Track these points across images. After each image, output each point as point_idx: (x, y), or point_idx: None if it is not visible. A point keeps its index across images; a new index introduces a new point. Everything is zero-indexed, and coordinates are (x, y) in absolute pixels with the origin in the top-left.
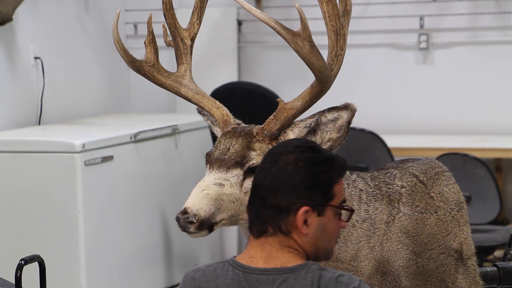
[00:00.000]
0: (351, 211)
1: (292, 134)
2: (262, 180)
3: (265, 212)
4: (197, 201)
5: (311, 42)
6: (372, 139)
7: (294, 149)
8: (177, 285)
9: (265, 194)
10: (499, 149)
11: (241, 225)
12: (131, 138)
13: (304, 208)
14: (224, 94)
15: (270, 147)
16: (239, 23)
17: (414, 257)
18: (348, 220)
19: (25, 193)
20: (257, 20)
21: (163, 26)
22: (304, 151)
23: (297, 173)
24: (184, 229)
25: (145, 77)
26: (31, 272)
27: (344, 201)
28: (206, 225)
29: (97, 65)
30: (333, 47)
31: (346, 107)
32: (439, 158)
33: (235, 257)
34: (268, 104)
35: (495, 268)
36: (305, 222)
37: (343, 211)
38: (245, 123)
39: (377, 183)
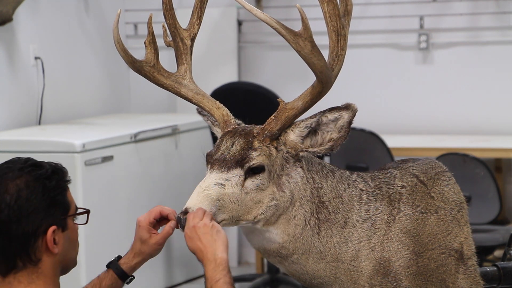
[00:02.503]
0: (88, 212)
1: (292, 134)
2: (5, 213)
3: (12, 245)
4: (198, 201)
5: (312, 42)
6: (372, 139)
7: (20, 172)
8: (177, 285)
9: (6, 227)
10: (499, 149)
11: (241, 225)
12: (131, 138)
13: (52, 228)
14: (224, 94)
15: (271, 147)
16: (239, 23)
17: (415, 257)
18: (87, 222)
19: None
20: (257, 20)
21: (163, 26)
22: (30, 171)
23: (34, 195)
24: (184, 229)
25: (145, 77)
26: None
27: (76, 206)
28: None
29: (97, 65)
30: (334, 47)
31: (347, 107)
32: (439, 158)
33: None
34: (268, 104)
35: (495, 268)
36: (54, 241)
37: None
38: (245, 123)
39: (377, 183)
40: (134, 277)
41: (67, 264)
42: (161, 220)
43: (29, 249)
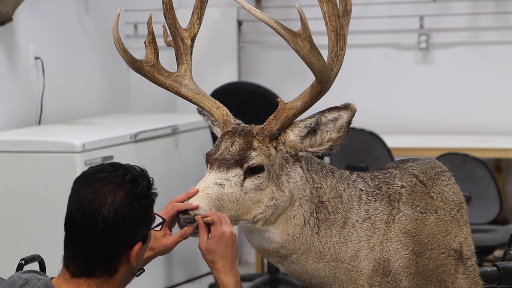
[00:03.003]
0: (164, 222)
1: (292, 134)
2: (93, 226)
3: (98, 257)
4: (198, 201)
5: (311, 42)
6: (372, 139)
7: (120, 188)
8: (177, 285)
9: (97, 239)
10: (499, 149)
11: (241, 225)
12: (131, 138)
13: (138, 245)
14: (224, 94)
15: (271, 147)
16: (239, 23)
17: (414, 257)
18: (160, 229)
19: (25, 193)
20: (257, 20)
21: (163, 26)
22: (130, 189)
23: (131, 214)
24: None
25: (145, 77)
26: None
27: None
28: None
29: (97, 65)
30: (333, 47)
31: (346, 107)
32: (439, 158)
33: (52, 278)
34: (268, 104)
35: (495, 268)
36: (137, 255)
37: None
38: (245, 123)
39: (377, 183)
40: (144, 270)
41: (135, 270)
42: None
43: (111, 263)
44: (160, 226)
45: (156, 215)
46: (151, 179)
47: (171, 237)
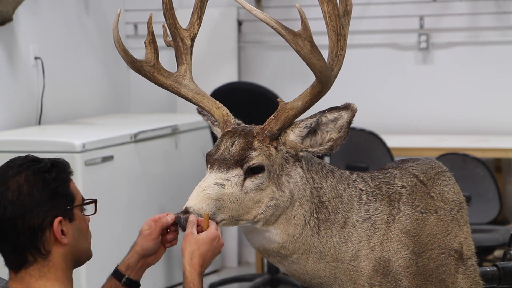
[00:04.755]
0: (95, 201)
1: (292, 134)
2: (3, 212)
3: (21, 241)
4: (198, 201)
5: (311, 42)
6: (372, 139)
7: (19, 168)
8: (177, 285)
9: (13, 223)
10: (499, 149)
11: (241, 225)
12: (131, 138)
13: (57, 219)
14: (224, 94)
15: (271, 147)
16: (239, 23)
17: (415, 257)
18: (95, 212)
19: None
20: (257, 20)
21: (163, 26)
22: (29, 166)
23: (35, 189)
24: (184, 229)
25: (145, 77)
26: None
27: (82, 197)
28: None
29: (97, 65)
30: (333, 47)
31: (346, 107)
32: (439, 158)
33: (7, 282)
34: (268, 104)
35: (495, 268)
36: (62, 232)
37: (86, 206)
38: (245, 123)
39: (377, 183)
40: (136, 282)
41: (80, 255)
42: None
43: (38, 243)
44: (94, 206)
45: (86, 199)
46: (63, 161)
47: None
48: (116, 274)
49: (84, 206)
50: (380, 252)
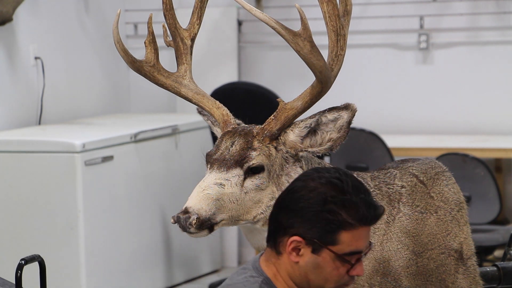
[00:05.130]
0: (352, 264)
1: (292, 134)
2: (286, 195)
3: (272, 224)
4: (198, 201)
5: (311, 42)
6: (372, 139)
7: (324, 180)
8: (177, 285)
9: (280, 207)
10: (499, 149)
11: (241, 225)
12: (131, 138)
13: (296, 237)
14: (224, 94)
15: (271, 147)
16: (239, 23)
17: (414, 257)
18: (361, 273)
19: (25, 193)
20: (257, 20)
21: (163, 26)
22: (332, 189)
23: (308, 201)
24: (184, 229)
25: (145, 77)
26: (31, 272)
27: (355, 252)
28: (207, 225)
29: (97, 65)
30: (333, 47)
31: (346, 107)
32: (439, 158)
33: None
34: (268, 104)
35: (495, 268)
36: (297, 251)
37: (357, 264)
38: (245, 123)
39: (377, 183)
40: None
41: (310, 285)
42: None
43: (277, 237)
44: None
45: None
46: (370, 211)
47: None
48: None
49: (336, 254)
50: (380, 252)
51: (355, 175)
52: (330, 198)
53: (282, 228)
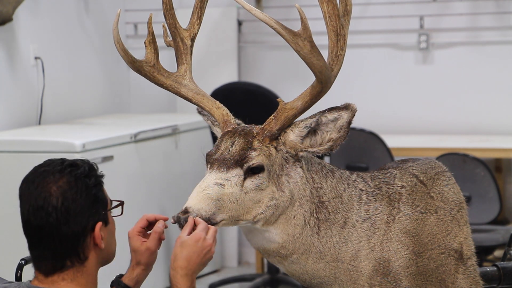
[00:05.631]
0: (122, 203)
1: (292, 134)
2: (46, 218)
3: (63, 246)
4: (198, 201)
5: (311, 42)
6: (372, 139)
7: (61, 174)
8: None
9: (56, 229)
10: (499, 149)
11: (241, 225)
12: (131, 138)
13: (99, 224)
14: (224, 94)
15: (271, 147)
16: (239, 23)
17: (414, 257)
18: (122, 213)
19: None
20: (257, 20)
21: (163, 26)
22: (71, 171)
23: (79, 195)
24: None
25: (145, 77)
26: (31, 272)
27: (110, 199)
28: None
29: (97, 65)
30: (333, 47)
31: (346, 107)
32: (439, 158)
33: (30, 281)
34: (268, 104)
35: (495, 268)
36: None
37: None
38: (245, 123)
39: (377, 183)
40: None
41: (109, 256)
42: (150, 226)
43: (78, 248)
44: (121, 208)
45: (113, 201)
46: (93, 164)
47: (149, 239)
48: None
49: (114, 208)
50: (380, 252)
51: (355, 175)
52: (85, 173)
53: (81, 236)
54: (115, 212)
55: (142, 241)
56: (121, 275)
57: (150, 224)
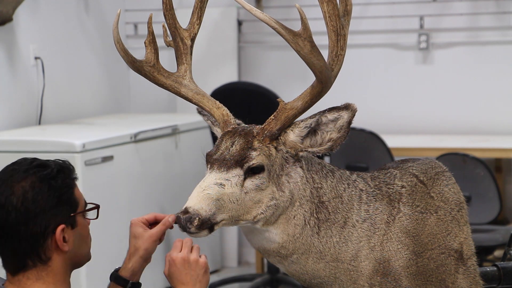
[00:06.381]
0: (97, 207)
1: (292, 134)
2: (6, 217)
3: (22, 247)
4: (198, 201)
5: (311, 42)
6: (372, 139)
7: (26, 173)
8: None
9: (15, 229)
10: (499, 149)
11: (241, 225)
12: (131, 138)
13: (60, 227)
14: (224, 94)
15: (271, 147)
16: (239, 23)
17: (415, 257)
18: (97, 217)
19: None
20: (257, 20)
21: (163, 26)
22: (36, 172)
23: (40, 196)
24: (184, 229)
25: (145, 77)
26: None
27: (85, 201)
28: (207, 225)
29: (97, 65)
30: (333, 47)
31: (346, 107)
32: (439, 158)
33: (3, 283)
34: (268, 104)
35: (495, 268)
36: (64, 239)
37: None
38: (245, 123)
39: (377, 183)
40: (138, 284)
41: (79, 259)
42: (153, 225)
43: (39, 249)
44: (96, 211)
45: (89, 203)
46: (69, 166)
47: (154, 228)
48: (119, 280)
49: (86, 211)
50: (380, 252)
51: (356, 175)
52: (51, 175)
53: (40, 238)
54: (90, 215)
55: (145, 228)
56: (118, 269)
57: (154, 224)
